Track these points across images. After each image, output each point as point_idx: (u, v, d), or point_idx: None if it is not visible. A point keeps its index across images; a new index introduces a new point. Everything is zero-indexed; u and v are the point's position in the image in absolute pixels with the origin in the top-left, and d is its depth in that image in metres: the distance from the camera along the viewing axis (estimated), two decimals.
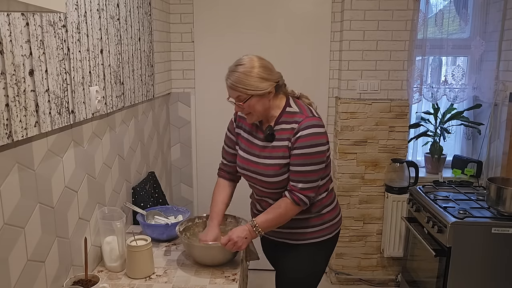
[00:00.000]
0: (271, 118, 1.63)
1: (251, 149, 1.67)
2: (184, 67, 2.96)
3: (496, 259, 2.17)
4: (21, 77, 1.12)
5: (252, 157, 1.66)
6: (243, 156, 1.70)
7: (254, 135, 1.68)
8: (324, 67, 2.92)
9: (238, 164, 1.73)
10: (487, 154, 2.82)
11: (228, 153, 1.80)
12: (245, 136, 1.71)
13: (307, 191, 1.57)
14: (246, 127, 1.72)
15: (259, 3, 2.86)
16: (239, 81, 1.51)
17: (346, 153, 2.88)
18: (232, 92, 1.55)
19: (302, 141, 1.53)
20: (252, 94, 1.52)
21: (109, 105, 1.76)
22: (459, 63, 2.92)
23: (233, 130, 1.77)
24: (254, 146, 1.67)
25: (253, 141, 1.68)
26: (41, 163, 1.25)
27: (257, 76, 1.51)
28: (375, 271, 3.05)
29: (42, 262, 1.27)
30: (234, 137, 1.77)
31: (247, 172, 1.68)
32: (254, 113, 1.57)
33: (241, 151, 1.72)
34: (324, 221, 1.70)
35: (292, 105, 1.62)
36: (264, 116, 1.61)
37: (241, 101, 1.54)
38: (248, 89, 1.51)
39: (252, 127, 1.70)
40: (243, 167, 1.70)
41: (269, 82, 1.54)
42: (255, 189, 1.73)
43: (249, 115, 1.60)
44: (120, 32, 1.88)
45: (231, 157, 1.79)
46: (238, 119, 1.76)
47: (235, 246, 1.57)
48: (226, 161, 1.81)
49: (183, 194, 3.14)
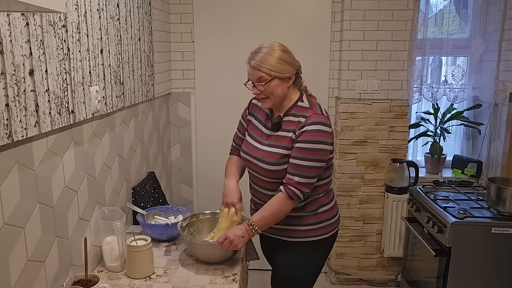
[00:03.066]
0: (282, 108, 1.66)
1: (258, 136, 1.72)
2: (184, 67, 2.96)
3: (496, 259, 2.17)
4: (21, 77, 1.12)
5: (257, 143, 1.70)
6: (248, 141, 1.75)
7: (263, 124, 1.73)
8: (324, 67, 2.92)
9: (242, 148, 1.78)
10: (487, 154, 2.82)
11: (239, 138, 1.87)
12: (255, 124, 1.76)
13: (302, 186, 1.57)
14: (258, 115, 1.77)
15: (259, 3, 2.86)
16: (264, 61, 1.55)
17: (346, 153, 2.88)
18: (255, 73, 1.58)
19: (306, 135, 1.55)
20: (275, 76, 1.56)
21: (109, 105, 1.76)
22: (459, 63, 2.92)
23: (245, 116, 1.84)
24: (261, 133, 1.71)
25: (261, 129, 1.72)
26: (41, 163, 1.25)
27: (281, 58, 1.56)
28: (375, 271, 3.05)
29: (42, 262, 1.27)
30: (245, 123, 1.83)
31: (249, 157, 1.72)
32: (272, 97, 1.60)
33: (248, 137, 1.77)
34: (321, 220, 1.70)
35: (304, 101, 1.66)
36: (279, 103, 1.64)
37: (262, 82, 1.56)
38: (271, 70, 1.55)
39: (264, 115, 1.74)
40: (246, 151, 1.74)
41: (291, 67, 1.59)
42: (253, 177, 1.75)
43: (265, 100, 1.62)
44: (120, 32, 1.88)
45: (241, 141, 1.84)
46: (251, 107, 1.82)
47: (232, 245, 1.58)
48: (235, 144, 1.88)
49: (183, 194, 3.14)
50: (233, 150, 1.90)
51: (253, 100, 1.82)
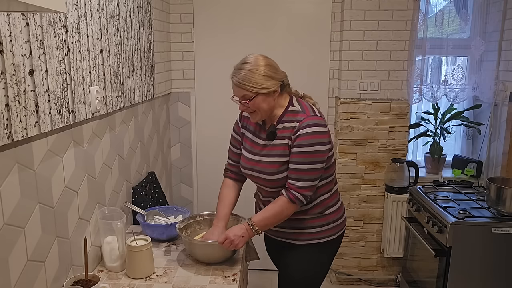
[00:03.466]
0: (274, 117, 1.64)
1: (254, 148, 1.68)
2: (184, 67, 2.96)
3: (496, 259, 2.17)
4: (21, 77, 1.12)
5: (255, 156, 1.67)
6: (246, 156, 1.71)
7: (257, 135, 1.69)
8: (324, 67, 2.92)
9: (241, 164, 1.74)
10: (487, 154, 2.82)
11: (234, 154, 1.81)
12: (249, 136, 1.73)
13: (304, 190, 1.57)
14: (250, 127, 1.73)
15: (259, 3, 2.86)
16: (246, 79, 1.52)
17: (346, 153, 2.88)
18: (238, 90, 1.56)
19: (302, 139, 1.54)
20: (258, 92, 1.53)
21: (109, 105, 1.76)
22: (459, 63, 2.92)
23: (238, 130, 1.79)
24: (257, 145, 1.68)
25: (256, 141, 1.69)
26: (41, 163, 1.25)
27: (264, 74, 1.52)
28: (375, 271, 3.05)
29: (42, 262, 1.27)
30: (239, 137, 1.78)
31: (250, 171, 1.69)
32: (259, 112, 1.58)
33: (244, 151, 1.73)
34: (328, 222, 1.70)
35: (294, 104, 1.63)
36: (268, 115, 1.62)
37: (246, 99, 1.55)
38: (254, 87, 1.52)
39: (256, 127, 1.71)
40: (246, 167, 1.71)
41: (275, 81, 1.55)
42: (261, 190, 1.74)
43: (253, 114, 1.60)
44: (120, 32, 1.88)
45: (237, 157, 1.79)
46: (243, 119, 1.77)
47: (232, 245, 1.58)
48: (232, 161, 1.82)
49: (183, 194, 3.14)
50: (228, 172, 1.83)
51: (243, 112, 1.75)
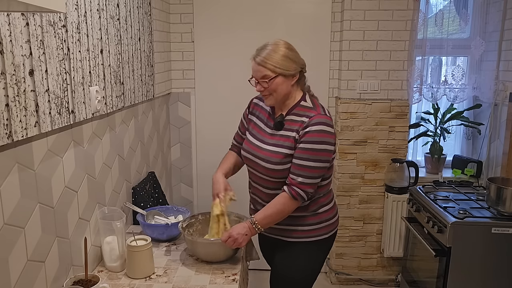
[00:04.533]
0: (285, 107, 1.67)
1: (260, 135, 1.72)
2: (184, 67, 2.96)
3: (496, 259, 2.17)
4: (21, 77, 1.12)
5: (259, 142, 1.70)
6: (250, 140, 1.75)
7: (265, 123, 1.73)
8: (324, 67, 2.92)
9: (243, 146, 1.78)
10: (487, 154, 2.82)
11: (239, 136, 1.89)
12: (257, 123, 1.77)
13: (306, 186, 1.58)
14: (260, 114, 1.77)
15: (259, 3, 2.86)
16: (270, 58, 1.55)
17: (346, 153, 2.88)
18: (259, 69, 1.58)
19: (310, 136, 1.55)
20: (279, 73, 1.56)
21: (109, 105, 1.76)
22: (459, 63, 2.92)
23: (246, 116, 1.85)
24: (264, 132, 1.71)
25: (264, 128, 1.73)
26: (41, 163, 1.25)
27: (286, 55, 1.57)
28: (375, 271, 3.05)
29: (42, 262, 1.27)
30: (246, 122, 1.84)
31: (250, 156, 1.72)
32: (274, 94, 1.61)
33: (249, 135, 1.77)
34: (321, 220, 1.71)
35: (307, 100, 1.67)
36: (281, 100, 1.64)
37: (266, 79, 1.57)
38: (276, 67, 1.56)
39: (266, 114, 1.74)
40: (247, 150, 1.74)
41: (296, 65, 1.60)
42: (254, 176, 1.75)
43: (268, 97, 1.63)
44: (120, 32, 1.88)
45: (241, 140, 1.86)
46: (252, 106, 1.83)
47: (236, 243, 1.59)
48: (236, 142, 1.90)
49: (183, 194, 3.14)
50: (233, 147, 1.92)
51: (254, 100, 1.83)
